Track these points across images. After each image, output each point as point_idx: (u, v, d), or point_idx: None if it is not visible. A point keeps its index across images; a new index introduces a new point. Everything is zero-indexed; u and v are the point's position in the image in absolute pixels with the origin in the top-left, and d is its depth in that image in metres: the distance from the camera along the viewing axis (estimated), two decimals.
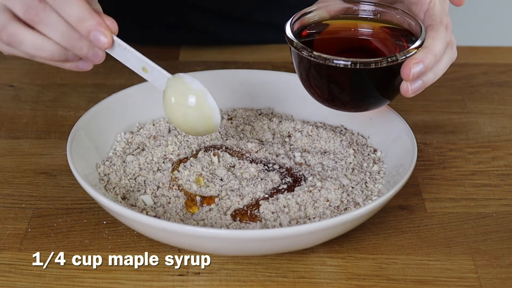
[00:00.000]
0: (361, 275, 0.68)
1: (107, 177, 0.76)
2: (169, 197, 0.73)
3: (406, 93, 0.72)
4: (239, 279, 0.68)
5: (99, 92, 0.96)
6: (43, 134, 0.88)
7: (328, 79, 0.73)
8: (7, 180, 0.80)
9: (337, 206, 0.72)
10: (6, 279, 0.68)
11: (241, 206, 0.72)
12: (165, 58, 1.05)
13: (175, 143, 0.79)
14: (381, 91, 0.74)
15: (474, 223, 0.75)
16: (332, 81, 0.73)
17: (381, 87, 0.74)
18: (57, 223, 0.74)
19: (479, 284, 0.67)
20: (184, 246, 0.68)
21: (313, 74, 0.73)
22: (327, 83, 0.74)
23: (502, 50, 1.08)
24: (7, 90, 0.97)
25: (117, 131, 0.82)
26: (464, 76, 1.01)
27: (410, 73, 0.70)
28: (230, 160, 0.77)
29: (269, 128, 0.83)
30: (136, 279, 0.68)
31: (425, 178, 0.81)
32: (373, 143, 0.81)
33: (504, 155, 0.85)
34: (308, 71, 0.74)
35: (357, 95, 0.75)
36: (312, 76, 0.74)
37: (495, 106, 0.95)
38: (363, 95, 0.75)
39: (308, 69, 0.73)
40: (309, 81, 0.75)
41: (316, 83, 0.75)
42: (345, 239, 0.71)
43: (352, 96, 0.75)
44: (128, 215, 0.65)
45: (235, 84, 0.87)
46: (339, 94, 0.75)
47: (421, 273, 0.68)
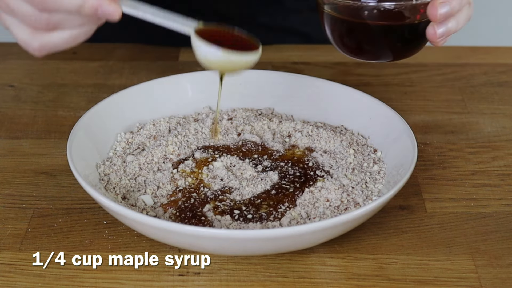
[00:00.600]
0: (361, 275, 0.68)
1: (107, 177, 0.76)
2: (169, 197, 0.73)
3: (433, 37, 0.73)
4: (239, 279, 0.68)
5: (99, 92, 0.96)
6: (43, 134, 0.88)
7: (361, 24, 0.75)
8: (7, 180, 0.80)
9: (337, 206, 0.72)
10: (6, 279, 0.68)
11: (241, 206, 0.72)
12: (165, 58, 1.05)
13: (175, 143, 0.80)
14: (409, 36, 0.76)
15: (474, 223, 0.75)
16: (363, 26, 0.75)
17: (409, 33, 0.75)
18: (57, 223, 0.74)
19: (479, 284, 0.67)
20: (184, 246, 0.68)
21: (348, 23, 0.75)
22: (361, 28, 0.76)
23: (502, 50, 1.08)
24: (7, 90, 0.97)
25: (117, 131, 0.82)
26: (464, 76, 1.01)
27: (437, 12, 0.72)
28: (230, 160, 0.77)
29: (269, 128, 0.83)
30: (136, 279, 0.68)
31: (425, 178, 0.81)
32: (373, 143, 0.81)
33: (504, 155, 0.85)
34: (342, 23, 0.76)
35: (386, 40, 0.77)
36: (347, 25, 0.76)
37: (495, 106, 0.95)
38: (392, 40, 0.76)
39: (343, 20, 0.75)
40: (342, 32, 0.77)
41: (347, 32, 0.77)
42: (345, 239, 0.71)
43: (382, 41, 0.77)
44: (128, 215, 0.65)
45: (235, 84, 0.87)
46: (372, 40, 0.77)
47: (421, 273, 0.68)
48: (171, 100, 0.86)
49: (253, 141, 0.81)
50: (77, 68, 1.02)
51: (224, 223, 0.70)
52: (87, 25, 0.70)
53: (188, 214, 0.71)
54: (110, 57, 1.04)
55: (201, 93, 0.87)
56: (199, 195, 0.73)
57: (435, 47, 0.77)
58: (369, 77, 1.01)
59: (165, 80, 0.87)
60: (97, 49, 1.05)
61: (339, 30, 0.77)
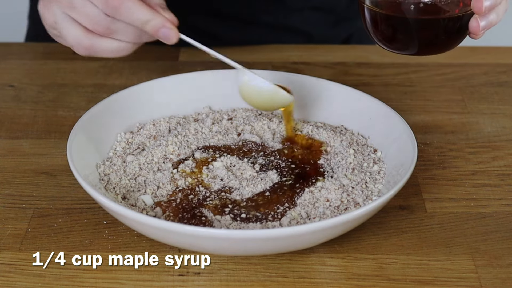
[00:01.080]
0: (361, 275, 0.68)
1: (107, 177, 0.76)
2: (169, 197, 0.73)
3: (476, 30, 0.74)
4: (239, 279, 0.68)
5: (99, 92, 0.96)
6: (43, 134, 0.88)
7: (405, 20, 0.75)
8: (7, 180, 0.80)
9: (337, 206, 0.72)
10: (6, 279, 0.68)
11: (241, 206, 0.71)
12: (165, 58, 1.05)
13: (175, 143, 0.79)
14: (451, 30, 0.76)
15: (474, 223, 0.75)
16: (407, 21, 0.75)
17: (451, 26, 0.75)
18: (57, 223, 0.74)
19: (479, 284, 0.67)
20: (184, 246, 0.68)
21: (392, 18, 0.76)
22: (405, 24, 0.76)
23: (502, 50, 1.08)
24: (7, 90, 0.97)
25: (117, 131, 0.82)
26: (464, 76, 1.01)
27: (482, 5, 0.72)
28: (230, 160, 0.77)
29: (269, 128, 0.83)
30: (136, 279, 0.68)
31: (425, 178, 0.81)
32: (373, 143, 0.81)
33: (504, 155, 0.85)
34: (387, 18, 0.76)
35: (428, 34, 0.77)
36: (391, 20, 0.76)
37: (495, 106, 0.95)
38: (433, 33, 0.76)
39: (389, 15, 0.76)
40: (383, 27, 0.77)
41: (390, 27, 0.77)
42: (345, 239, 0.71)
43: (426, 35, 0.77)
44: (128, 215, 0.65)
45: (235, 84, 0.87)
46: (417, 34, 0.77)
47: (421, 273, 0.68)
48: (171, 100, 0.86)
49: (253, 141, 0.81)
50: (77, 68, 1.02)
51: (224, 223, 0.70)
52: (138, 41, 0.74)
53: (187, 215, 0.71)
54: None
55: (201, 93, 0.87)
56: (199, 195, 0.73)
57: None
58: (369, 77, 1.01)
59: (165, 80, 0.87)
60: None
61: (380, 24, 0.77)
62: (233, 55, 1.05)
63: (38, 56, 1.05)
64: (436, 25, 0.75)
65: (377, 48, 1.08)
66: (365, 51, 1.07)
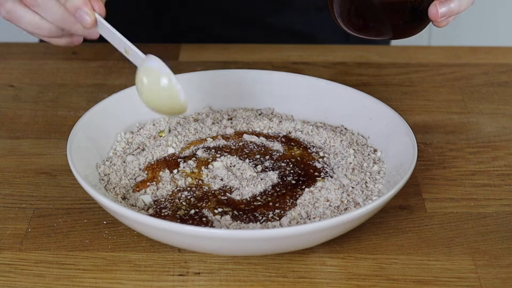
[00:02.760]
0: (361, 275, 0.68)
1: (107, 177, 0.76)
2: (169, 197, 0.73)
3: (435, 16, 0.73)
4: (239, 279, 0.68)
5: (99, 92, 0.96)
6: (43, 134, 0.88)
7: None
8: (7, 180, 0.80)
9: (337, 206, 0.72)
10: (6, 279, 0.68)
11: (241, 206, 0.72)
12: (165, 58, 1.05)
13: (175, 143, 0.79)
14: (411, 16, 0.76)
15: (474, 223, 0.75)
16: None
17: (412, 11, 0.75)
18: (57, 223, 0.74)
19: (479, 284, 0.67)
20: (184, 246, 0.68)
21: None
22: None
23: (502, 50, 1.08)
24: (7, 90, 0.97)
25: (117, 131, 0.82)
26: (464, 76, 1.01)
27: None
28: (230, 160, 0.77)
29: (269, 128, 0.83)
30: (136, 279, 0.68)
31: (425, 178, 0.81)
32: (373, 143, 0.81)
33: (504, 155, 0.85)
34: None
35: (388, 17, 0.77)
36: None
37: (495, 106, 0.95)
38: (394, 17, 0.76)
39: None
40: (349, 10, 0.77)
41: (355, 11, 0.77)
42: (345, 239, 0.71)
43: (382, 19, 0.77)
44: (128, 215, 0.65)
45: (235, 84, 0.87)
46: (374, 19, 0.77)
47: (421, 273, 0.68)
48: None
49: (253, 141, 0.81)
50: (77, 68, 1.02)
51: (224, 223, 0.70)
52: (61, 24, 0.73)
53: (187, 215, 0.71)
54: (110, 57, 1.04)
55: (201, 93, 0.87)
56: (199, 195, 0.73)
57: (435, 47, 0.77)
58: (369, 77, 1.01)
59: None
60: (97, 49, 1.05)
61: (344, 6, 0.77)
62: (233, 55, 1.05)
63: (38, 56, 1.05)
64: (400, 8, 0.75)
65: (377, 48, 1.08)
66: (365, 51, 1.07)
